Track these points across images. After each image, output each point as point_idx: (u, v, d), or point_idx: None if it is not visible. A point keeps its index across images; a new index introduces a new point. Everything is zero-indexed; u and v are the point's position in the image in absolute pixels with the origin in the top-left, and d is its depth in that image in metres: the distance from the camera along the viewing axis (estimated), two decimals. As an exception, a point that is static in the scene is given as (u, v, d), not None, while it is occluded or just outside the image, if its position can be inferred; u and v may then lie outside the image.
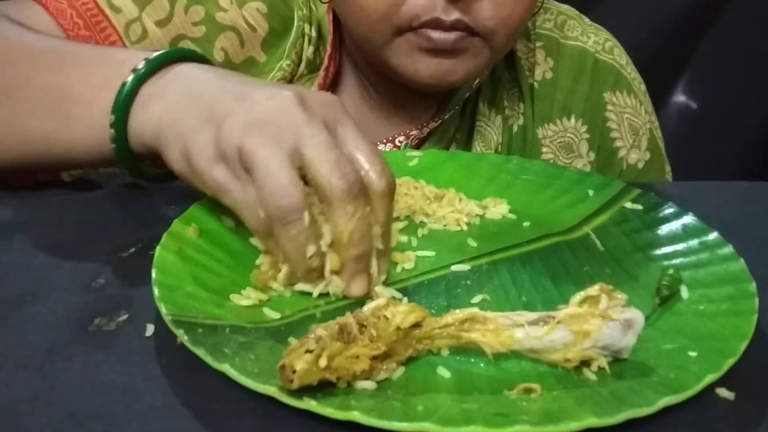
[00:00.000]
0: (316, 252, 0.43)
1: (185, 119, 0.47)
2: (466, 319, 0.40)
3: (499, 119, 0.79)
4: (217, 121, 0.45)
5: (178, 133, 0.47)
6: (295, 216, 0.42)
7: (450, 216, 0.55)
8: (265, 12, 0.71)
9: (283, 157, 0.42)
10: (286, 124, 0.44)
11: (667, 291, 0.46)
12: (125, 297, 0.45)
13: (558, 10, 0.82)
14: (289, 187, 0.42)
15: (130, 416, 0.36)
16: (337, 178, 0.42)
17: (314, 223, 0.43)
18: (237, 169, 0.44)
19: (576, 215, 0.56)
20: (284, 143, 0.43)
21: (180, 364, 0.39)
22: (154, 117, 0.49)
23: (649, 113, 0.83)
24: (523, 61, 0.80)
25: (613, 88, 0.81)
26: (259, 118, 0.44)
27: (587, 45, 0.81)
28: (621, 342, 0.39)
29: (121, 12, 0.67)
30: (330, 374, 0.36)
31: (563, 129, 0.80)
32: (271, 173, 0.42)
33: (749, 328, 0.41)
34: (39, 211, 0.55)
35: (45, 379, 0.39)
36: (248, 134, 0.43)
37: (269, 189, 0.42)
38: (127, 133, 0.51)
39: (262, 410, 0.36)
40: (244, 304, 0.44)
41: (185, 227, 0.49)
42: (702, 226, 0.52)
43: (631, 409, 0.34)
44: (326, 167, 0.42)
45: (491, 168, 0.62)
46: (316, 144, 0.43)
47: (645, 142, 0.82)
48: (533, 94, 0.79)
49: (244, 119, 0.44)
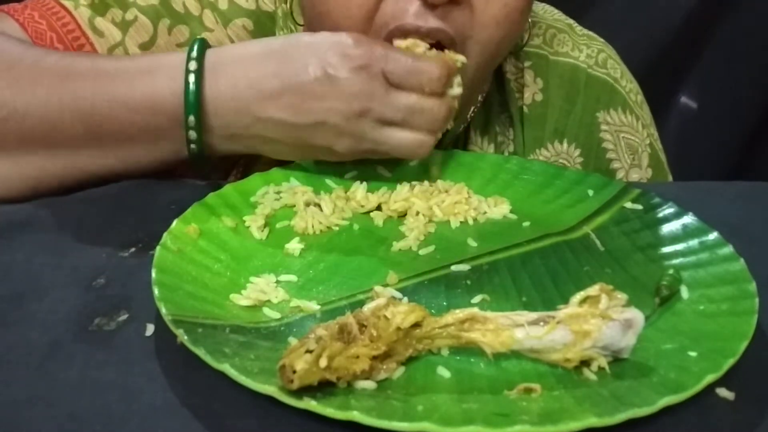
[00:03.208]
0: None
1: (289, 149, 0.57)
2: (466, 319, 0.40)
3: (491, 147, 0.76)
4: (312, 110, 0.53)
5: (294, 134, 0.55)
6: (446, 74, 0.54)
7: (458, 207, 0.55)
8: (251, 29, 0.69)
9: (387, 87, 0.53)
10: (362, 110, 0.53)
11: (667, 291, 0.46)
12: (125, 297, 0.45)
13: (547, 23, 0.77)
14: (423, 65, 0.53)
15: (130, 416, 0.36)
16: (422, 69, 0.53)
17: None
18: (367, 135, 0.54)
19: (576, 215, 0.56)
20: (376, 80, 0.53)
21: (180, 364, 0.39)
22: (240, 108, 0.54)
23: (647, 126, 0.80)
24: (512, 83, 0.75)
25: (607, 106, 0.77)
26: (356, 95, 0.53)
27: (579, 60, 0.76)
28: (621, 342, 0.39)
29: (104, 36, 0.64)
30: (330, 374, 0.36)
31: (556, 153, 0.76)
32: (397, 143, 0.54)
33: (749, 328, 0.41)
34: (39, 211, 0.55)
35: (45, 379, 0.39)
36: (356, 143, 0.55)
37: (416, 77, 0.53)
38: (203, 132, 0.55)
39: (262, 410, 0.36)
40: (244, 304, 0.44)
41: (185, 227, 0.49)
42: (702, 226, 0.52)
43: (631, 409, 0.34)
44: (410, 72, 0.53)
45: (491, 168, 0.62)
46: (392, 71, 0.53)
47: (646, 159, 0.79)
48: (523, 118, 0.76)
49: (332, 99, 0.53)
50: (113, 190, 0.59)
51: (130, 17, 0.66)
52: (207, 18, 0.68)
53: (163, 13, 0.66)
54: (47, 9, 0.64)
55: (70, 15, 0.64)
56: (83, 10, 0.64)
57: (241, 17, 0.69)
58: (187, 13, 0.67)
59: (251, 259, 0.49)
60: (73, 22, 0.64)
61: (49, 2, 0.64)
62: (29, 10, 0.64)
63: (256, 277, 0.47)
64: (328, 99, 0.53)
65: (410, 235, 0.53)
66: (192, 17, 0.67)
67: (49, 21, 0.63)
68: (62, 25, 0.64)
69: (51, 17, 0.64)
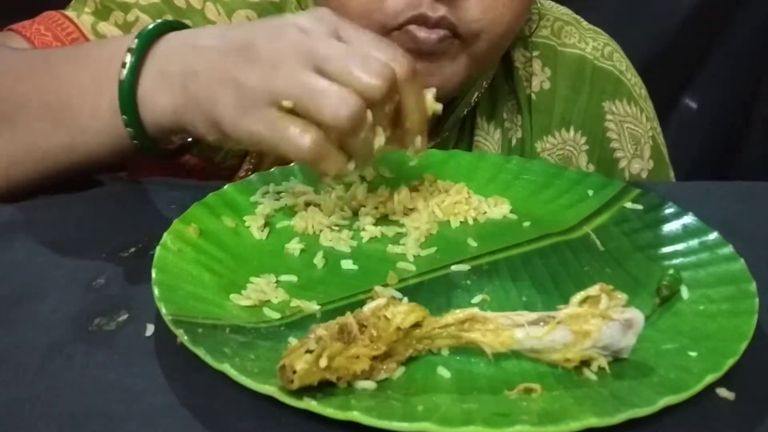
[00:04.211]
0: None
1: (198, 93, 0.48)
2: (466, 319, 0.40)
3: (498, 133, 0.77)
4: (231, 79, 0.46)
5: (198, 109, 0.48)
6: (361, 117, 0.45)
7: (458, 207, 0.55)
8: (255, 20, 0.69)
9: (319, 78, 0.45)
10: (299, 54, 0.45)
11: (667, 291, 0.46)
12: (125, 297, 0.45)
13: (554, 16, 0.80)
14: (344, 96, 0.44)
15: (130, 416, 0.36)
16: (368, 77, 0.45)
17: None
18: (268, 115, 0.45)
19: (576, 215, 0.56)
20: (308, 68, 0.45)
21: (180, 364, 0.39)
22: (166, 107, 0.50)
23: (650, 119, 0.82)
24: (521, 72, 0.77)
25: (613, 96, 0.79)
26: (272, 60, 0.46)
27: (585, 51, 0.79)
28: (621, 342, 0.39)
29: None
30: (330, 374, 0.36)
31: (562, 141, 0.78)
32: (320, 95, 0.44)
33: (749, 328, 0.41)
34: (39, 211, 0.55)
35: (45, 379, 0.39)
36: (270, 77, 0.45)
37: (328, 108, 0.44)
38: (143, 126, 0.52)
39: (262, 410, 0.36)
40: (244, 304, 0.44)
41: (185, 227, 0.49)
42: (702, 226, 0.52)
43: (631, 409, 0.34)
44: (356, 72, 0.45)
45: (491, 168, 0.62)
46: (335, 57, 0.45)
47: (648, 151, 0.80)
48: (531, 106, 0.77)
49: (257, 67, 0.46)
50: (113, 190, 0.59)
51: (131, 18, 0.67)
52: (209, 10, 0.68)
53: (165, 10, 0.67)
54: (53, 22, 0.66)
55: (74, 24, 0.66)
56: (86, 17, 0.67)
57: (245, 8, 0.69)
58: (189, 7, 0.68)
59: (251, 259, 0.49)
60: (76, 31, 0.66)
61: (54, 15, 0.67)
62: (36, 24, 0.66)
63: (256, 277, 0.47)
64: (268, 30, 0.48)
65: (410, 235, 0.53)
66: (194, 11, 0.68)
67: (54, 32, 0.66)
68: (66, 34, 0.66)
69: (56, 29, 0.66)
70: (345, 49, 0.46)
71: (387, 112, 0.49)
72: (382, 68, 0.46)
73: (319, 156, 0.46)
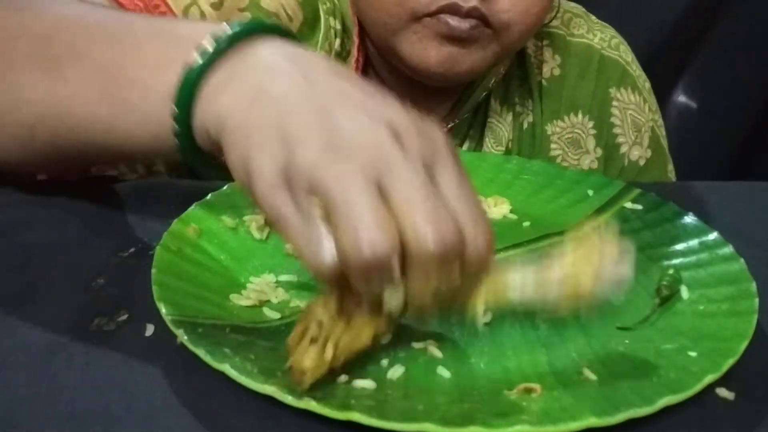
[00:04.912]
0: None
1: (253, 126, 0.39)
2: None
3: (510, 116, 0.80)
4: (289, 140, 0.37)
5: (243, 141, 0.39)
6: (382, 266, 0.34)
7: None
8: (300, 1, 0.71)
9: (369, 194, 0.34)
10: (373, 157, 0.36)
11: (667, 291, 0.46)
12: (125, 297, 0.45)
13: (564, 8, 0.83)
14: (376, 232, 0.34)
15: (130, 416, 0.36)
16: (432, 234, 0.34)
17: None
18: (302, 202, 0.36)
19: (576, 215, 0.56)
20: (369, 179, 0.35)
21: (180, 364, 0.39)
22: (221, 112, 0.41)
23: (653, 111, 0.84)
24: (532, 59, 0.81)
25: (619, 84, 0.82)
26: (341, 147, 0.36)
27: (593, 42, 0.82)
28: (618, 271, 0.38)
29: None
30: (337, 361, 0.36)
31: (571, 125, 0.81)
32: (354, 215, 0.34)
33: (749, 328, 0.41)
34: (39, 211, 0.55)
35: (45, 379, 0.39)
36: (326, 164, 0.35)
37: (351, 234, 0.34)
38: (190, 125, 0.43)
39: (262, 410, 0.36)
40: (244, 304, 0.44)
41: (185, 227, 0.49)
42: (702, 226, 0.52)
43: (631, 409, 0.34)
44: (420, 217, 0.34)
45: (491, 168, 0.62)
46: (409, 186, 0.35)
47: (647, 140, 0.83)
48: (542, 91, 0.81)
49: (321, 144, 0.36)
50: (113, 190, 0.59)
51: None
52: None
53: None
54: None
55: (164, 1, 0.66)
56: None
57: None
58: None
59: (251, 259, 0.49)
60: (163, 5, 0.66)
61: None
62: None
63: (256, 277, 0.47)
64: (364, 110, 0.38)
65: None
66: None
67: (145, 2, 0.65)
68: (154, 6, 0.66)
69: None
70: (425, 185, 0.36)
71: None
72: (452, 233, 0.35)
73: (334, 282, 0.36)
